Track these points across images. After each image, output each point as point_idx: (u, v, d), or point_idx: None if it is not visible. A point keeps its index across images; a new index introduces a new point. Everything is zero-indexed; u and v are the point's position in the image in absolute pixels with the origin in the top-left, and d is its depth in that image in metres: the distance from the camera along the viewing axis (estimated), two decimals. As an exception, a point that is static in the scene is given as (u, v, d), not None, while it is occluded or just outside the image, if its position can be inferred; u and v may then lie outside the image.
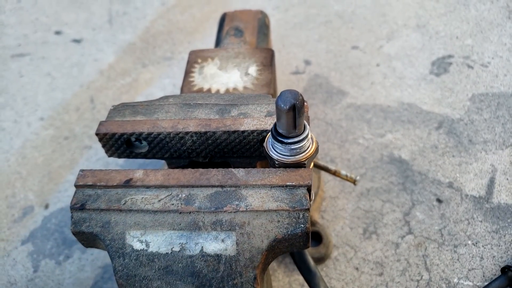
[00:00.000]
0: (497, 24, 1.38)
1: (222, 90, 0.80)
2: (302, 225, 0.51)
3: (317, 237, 0.93)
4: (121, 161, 1.15)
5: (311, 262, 0.70)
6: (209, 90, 0.81)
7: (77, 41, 1.53)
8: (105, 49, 1.49)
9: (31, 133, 1.25)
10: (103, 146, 0.64)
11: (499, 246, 0.91)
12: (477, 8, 1.44)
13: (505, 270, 0.85)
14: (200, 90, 0.81)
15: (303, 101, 0.49)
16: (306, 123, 0.54)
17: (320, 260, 0.90)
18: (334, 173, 0.89)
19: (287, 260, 0.92)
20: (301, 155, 0.54)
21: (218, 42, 1.00)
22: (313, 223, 0.94)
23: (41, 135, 1.24)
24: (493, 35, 1.35)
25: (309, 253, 0.89)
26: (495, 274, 0.87)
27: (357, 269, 0.90)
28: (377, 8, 1.49)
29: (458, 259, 0.90)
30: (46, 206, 1.08)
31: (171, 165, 0.68)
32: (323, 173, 1.04)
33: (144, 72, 1.38)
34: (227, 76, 0.83)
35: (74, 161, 1.17)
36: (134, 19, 1.58)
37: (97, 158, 1.17)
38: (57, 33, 1.57)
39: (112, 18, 1.60)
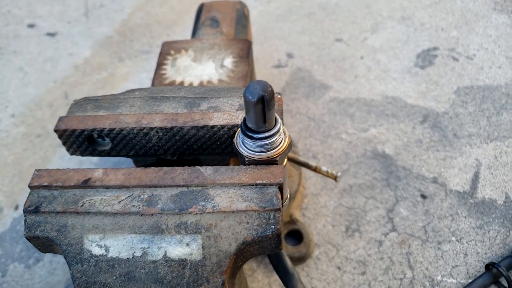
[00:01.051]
0: (482, 16, 1.36)
1: (195, 83, 0.76)
2: (273, 226, 0.47)
3: (297, 236, 0.89)
4: (96, 158, 1.10)
5: (289, 262, 0.67)
6: (181, 83, 0.76)
7: (51, 34, 1.47)
8: (80, 43, 1.43)
9: (0, 131, 1.19)
10: (64, 144, 0.60)
11: (483, 242, 0.89)
12: (462, 0, 1.42)
13: (489, 266, 0.82)
14: (172, 83, 0.76)
15: (272, 92, 0.46)
16: (277, 116, 0.51)
17: (301, 259, 0.87)
18: (315, 170, 0.85)
19: (267, 260, 0.88)
20: (272, 151, 0.50)
21: (194, 34, 0.96)
22: (294, 221, 0.91)
23: (12, 132, 1.19)
24: (478, 26, 1.33)
25: (290, 253, 0.86)
26: (479, 271, 0.85)
27: (339, 268, 0.87)
28: (361, -1, 1.46)
29: (442, 256, 0.87)
30: (16, 207, 1.02)
31: (138, 163, 0.64)
32: (304, 169, 1.01)
33: (121, 66, 1.33)
34: (201, 68, 0.79)
35: (46, 160, 1.12)
36: (111, 11, 1.53)
37: (71, 156, 1.12)
38: (30, 26, 1.50)
39: (88, 10, 1.54)
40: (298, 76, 1.24)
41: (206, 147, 0.60)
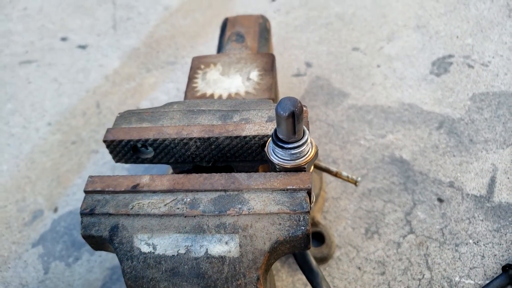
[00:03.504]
0: (497, 23, 1.39)
1: (224, 95, 0.82)
2: (303, 227, 0.53)
3: (319, 238, 0.94)
4: (127, 165, 1.17)
5: (313, 262, 0.72)
6: (212, 96, 0.83)
7: (82, 47, 1.56)
8: (109, 55, 1.51)
9: (39, 138, 1.28)
10: (111, 153, 0.67)
11: (500, 244, 0.92)
12: (477, 7, 1.45)
13: (506, 268, 0.86)
14: (203, 96, 0.83)
15: (301, 107, 0.51)
16: (305, 128, 0.56)
17: (323, 260, 0.92)
18: (336, 175, 0.91)
19: (291, 260, 0.94)
20: (301, 159, 0.56)
21: (220, 48, 1.02)
22: (316, 224, 0.96)
23: (49, 140, 1.27)
24: (493, 34, 1.36)
25: (312, 253, 0.91)
26: (496, 273, 0.88)
27: (359, 268, 0.92)
28: (377, 9, 1.50)
29: (459, 258, 0.91)
30: (55, 210, 1.10)
31: (176, 170, 0.70)
32: (325, 174, 1.06)
33: (148, 76, 1.41)
34: (229, 81, 0.85)
35: (81, 165, 1.20)
36: (138, 24, 1.61)
37: (104, 162, 1.20)
38: (63, 39, 1.60)
39: (116, 23, 1.63)
40: (317, 84, 1.30)
41: (238, 155, 0.65)
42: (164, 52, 1.48)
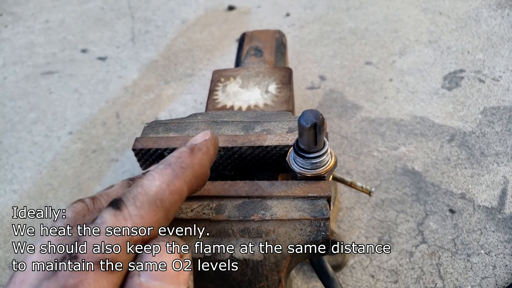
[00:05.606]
0: (508, 39, 1.42)
1: (244, 107, 0.86)
2: (323, 233, 0.56)
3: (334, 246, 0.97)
4: (146, 173, 1.21)
5: (330, 268, 0.74)
6: (232, 107, 0.86)
7: (102, 58, 1.62)
8: (129, 66, 1.57)
9: (61, 147, 1.33)
10: (139, 161, 0.70)
11: (511, 255, 0.94)
12: (488, 23, 1.48)
13: (517, 278, 0.87)
14: (224, 107, 0.87)
15: (323, 120, 0.55)
16: (325, 139, 0.59)
17: (337, 267, 0.94)
18: (350, 185, 0.93)
19: (305, 268, 0.96)
20: (321, 168, 0.59)
21: (238, 61, 1.07)
22: (331, 233, 0.99)
23: (70, 148, 1.32)
24: (504, 49, 1.39)
25: (327, 261, 0.93)
26: (507, 282, 0.90)
27: (372, 276, 0.94)
28: (389, 24, 1.54)
29: (471, 268, 0.93)
30: (77, 216, 1.14)
31: (200, 178, 0.73)
32: (339, 184, 1.09)
33: (167, 88, 1.45)
34: (248, 94, 0.89)
35: (101, 173, 1.24)
36: (156, 37, 1.67)
37: (124, 170, 1.24)
38: (83, 51, 1.66)
39: (134, 36, 1.69)
40: (330, 97, 1.33)
41: (259, 165, 0.69)
42: (182, 65, 1.53)
